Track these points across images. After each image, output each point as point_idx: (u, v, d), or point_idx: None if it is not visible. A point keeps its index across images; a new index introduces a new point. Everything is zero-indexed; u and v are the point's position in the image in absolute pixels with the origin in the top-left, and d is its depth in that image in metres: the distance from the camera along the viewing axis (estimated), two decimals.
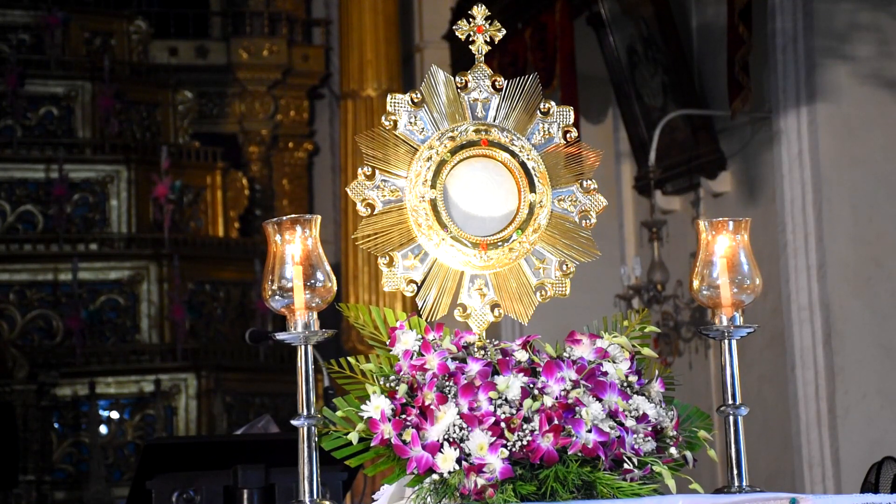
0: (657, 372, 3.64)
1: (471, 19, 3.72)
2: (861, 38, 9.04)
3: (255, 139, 15.14)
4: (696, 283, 3.66)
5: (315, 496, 3.39)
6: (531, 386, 3.41)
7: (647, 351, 3.67)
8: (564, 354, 3.55)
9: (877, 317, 8.94)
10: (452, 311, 3.60)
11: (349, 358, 3.56)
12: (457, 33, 3.71)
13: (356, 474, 5.01)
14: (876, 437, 8.71)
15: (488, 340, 3.57)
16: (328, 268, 3.47)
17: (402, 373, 3.46)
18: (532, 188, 3.66)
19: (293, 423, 3.40)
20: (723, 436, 3.62)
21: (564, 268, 3.68)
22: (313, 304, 3.44)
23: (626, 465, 3.41)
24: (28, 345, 12.66)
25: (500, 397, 3.38)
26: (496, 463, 3.31)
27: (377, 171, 3.58)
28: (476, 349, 3.53)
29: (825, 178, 8.99)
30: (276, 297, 3.44)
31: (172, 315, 12.91)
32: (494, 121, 3.68)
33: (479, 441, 3.32)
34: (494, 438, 3.32)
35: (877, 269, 8.99)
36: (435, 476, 3.34)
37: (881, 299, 8.97)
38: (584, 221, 3.72)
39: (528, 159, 3.67)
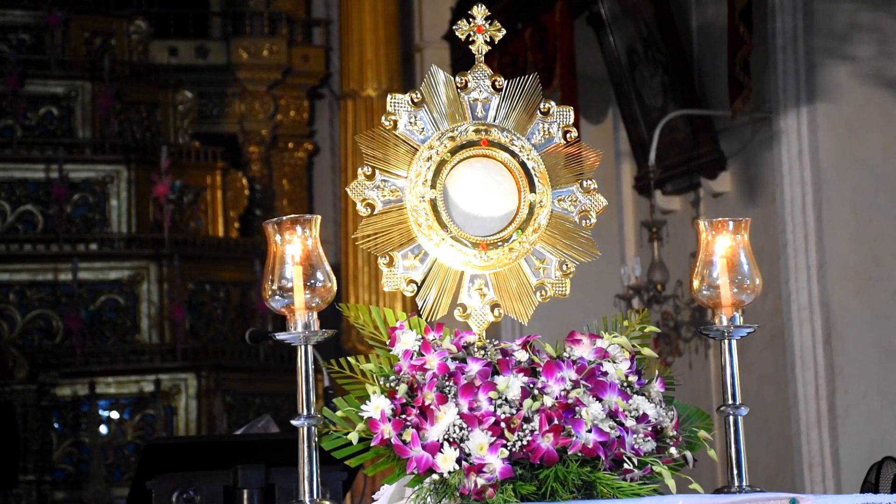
0: (657, 372, 3.64)
1: (471, 19, 3.72)
2: (861, 38, 9.04)
3: (255, 139, 15.15)
4: (696, 283, 3.66)
5: (315, 496, 3.39)
6: (531, 386, 3.41)
7: (647, 351, 3.67)
8: (564, 354, 3.55)
9: (877, 317, 8.94)
10: (452, 311, 3.60)
11: (349, 358, 3.56)
12: (457, 33, 3.71)
13: (356, 474, 5.01)
14: (876, 437, 8.71)
15: (488, 340, 3.57)
16: (328, 268, 3.47)
17: (402, 373, 3.46)
18: (532, 188, 3.66)
19: (293, 423, 3.41)
20: (723, 436, 3.62)
21: (564, 268, 3.68)
22: (313, 304, 3.44)
23: (626, 465, 3.41)
24: (28, 345, 12.65)
25: (500, 397, 3.38)
26: (496, 463, 3.31)
27: (377, 171, 3.58)
28: (476, 349, 3.53)
29: (825, 178, 8.99)
30: (276, 297, 3.44)
31: (172, 315, 12.91)
32: (494, 121, 3.68)
33: (479, 441, 3.32)
34: (494, 438, 3.32)
35: (877, 269, 8.99)
36: (435, 476, 3.34)
37: (881, 299, 8.97)
38: (584, 221, 3.72)
39: (528, 159, 3.67)
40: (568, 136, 3.74)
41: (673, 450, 3.53)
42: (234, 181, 14.40)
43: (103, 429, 12.47)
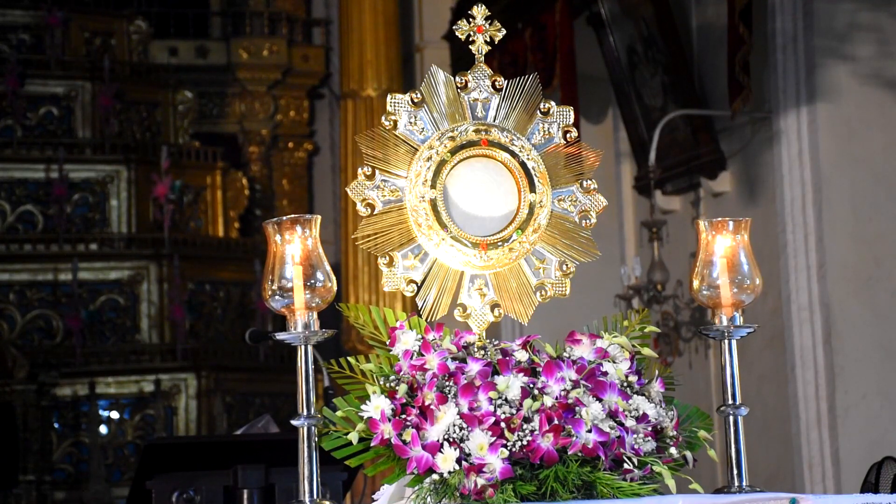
0: (657, 372, 3.64)
1: (471, 19, 3.72)
2: (861, 38, 9.04)
3: (255, 139, 15.14)
4: (696, 283, 3.66)
5: (315, 496, 3.39)
6: (531, 386, 3.41)
7: (647, 351, 3.67)
8: (564, 354, 3.55)
9: (877, 317, 8.94)
10: (452, 311, 3.60)
11: (349, 358, 3.56)
12: (457, 33, 3.71)
13: (356, 474, 5.01)
14: (876, 437, 8.71)
15: (488, 340, 3.57)
16: (328, 268, 3.47)
17: (402, 373, 3.46)
18: (532, 188, 3.66)
19: (293, 423, 3.41)
20: (723, 436, 3.62)
21: (564, 268, 3.68)
22: (313, 304, 3.44)
23: (626, 465, 3.41)
24: (28, 345, 12.65)
25: (500, 397, 3.38)
26: (496, 463, 3.31)
27: (377, 171, 3.58)
28: (476, 349, 3.53)
29: (825, 178, 8.99)
30: (276, 297, 3.44)
31: (172, 315, 12.90)
32: (494, 121, 3.68)
33: (479, 441, 3.32)
34: (494, 438, 3.32)
35: (877, 269, 8.99)
36: (435, 476, 3.34)
37: (881, 299, 8.97)
38: (584, 221, 3.72)
39: (528, 159, 3.67)
40: (568, 136, 3.73)
41: (673, 450, 3.53)
42: (234, 181, 14.40)
43: (103, 429, 12.46)
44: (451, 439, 3.32)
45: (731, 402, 3.59)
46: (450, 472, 3.32)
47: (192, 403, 12.60)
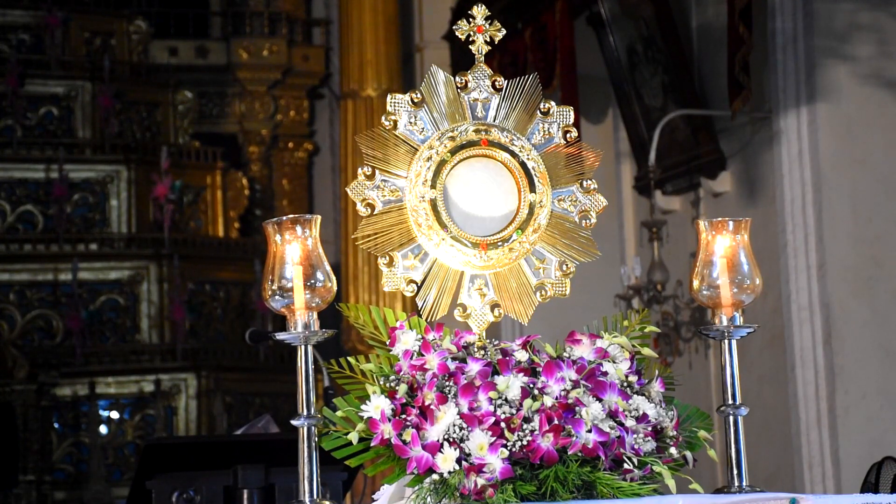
0: (657, 372, 3.64)
1: (471, 19, 3.72)
2: (861, 38, 9.04)
3: (255, 139, 15.15)
4: (696, 283, 3.66)
5: (315, 496, 3.39)
6: (531, 386, 3.41)
7: (647, 351, 3.67)
8: (564, 354, 3.55)
9: (877, 317, 8.94)
10: (452, 311, 3.60)
11: (349, 358, 3.56)
12: (457, 33, 3.71)
13: (356, 474, 5.01)
14: (876, 437, 8.71)
15: (488, 340, 3.57)
16: (328, 268, 3.47)
17: (402, 373, 3.46)
18: (532, 188, 3.66)
19: (293, 423, 3.41)
20: (723, 436, 3.62)
21: (564, 268, 3.68)
22: (313, 304, 3.44)
23: (626, 465, 3.41)
24: (28, 345, 12.65)
25: (500, 397, 3.38)
26: (496, 463, 3.31)
27: (377, 171, 3.58)
28: (476, 349, 3.53)
29: (825, 178, 8.99)
30: (276, 297, 3.44)
31: (172, 315, 12.91)
32: (494, 121, 3.68)
33: (479, 441, 3.32)
34: (494, 438, 3.32)
35: (877, 269, 8.99)
36: (435, 476, 3.34)
37: (881, 299, 8.97)
38: (584, 221, 3.72)
39: (528, 159, 3.67)
40: (568, 136, 3.74)
41: (673, 450, 3.53)
42: (234, 181, 14.41)
43: (103, 429, 12.47)
44: (451, 439, 3.32)
45: (731, 402, 3.59)
46: (450, 472, 3.32)
47: (192, 403, 12.60)
